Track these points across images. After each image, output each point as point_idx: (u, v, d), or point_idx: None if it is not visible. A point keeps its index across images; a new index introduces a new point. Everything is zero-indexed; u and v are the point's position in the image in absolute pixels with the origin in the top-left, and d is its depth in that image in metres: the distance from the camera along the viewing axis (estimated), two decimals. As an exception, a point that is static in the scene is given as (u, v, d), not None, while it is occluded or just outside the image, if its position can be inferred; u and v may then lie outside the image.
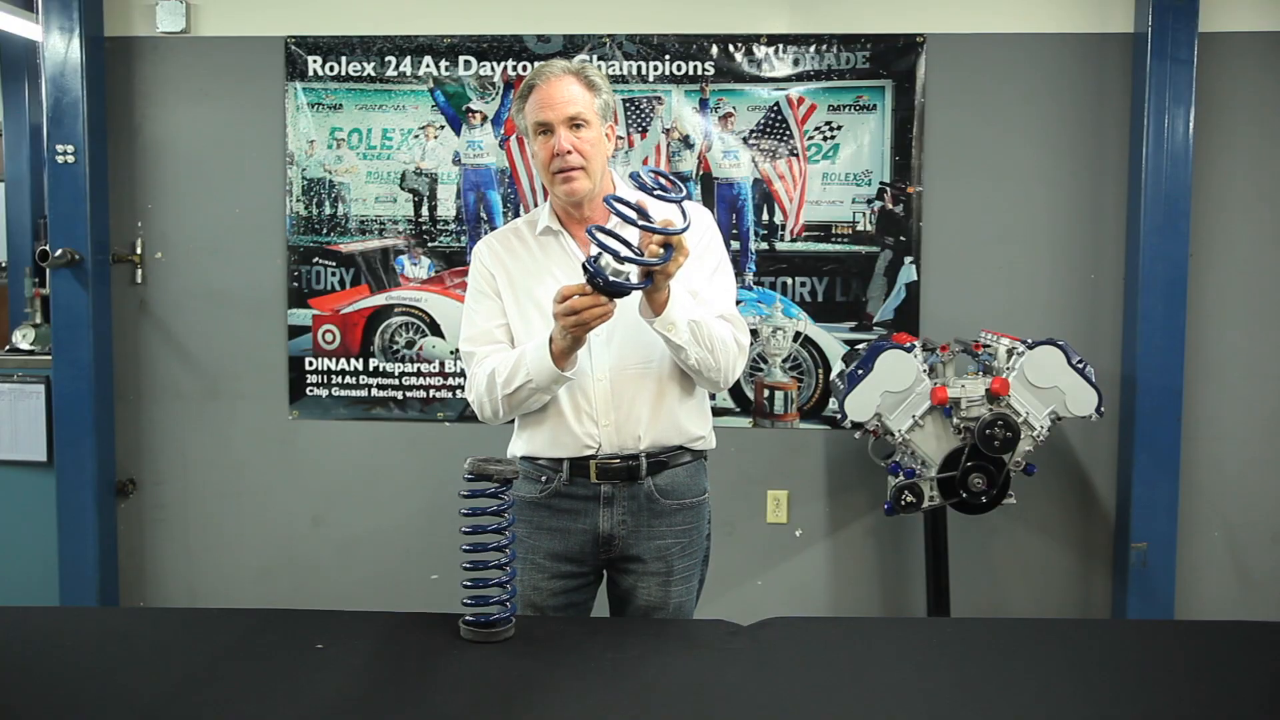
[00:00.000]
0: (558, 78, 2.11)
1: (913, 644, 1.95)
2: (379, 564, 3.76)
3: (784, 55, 3.55)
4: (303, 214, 3.70)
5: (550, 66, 2.15)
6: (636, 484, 2.17)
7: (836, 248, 3.59)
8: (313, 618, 2.05)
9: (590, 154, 2.11)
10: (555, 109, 2.09)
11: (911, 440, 3.13)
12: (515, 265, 2.20)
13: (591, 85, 2.13)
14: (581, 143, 2.10)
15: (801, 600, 3.64)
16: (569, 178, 2.10)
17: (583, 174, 2.11)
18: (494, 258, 2.23)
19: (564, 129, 2.09)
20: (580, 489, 2.18)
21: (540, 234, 2.20)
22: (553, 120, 2.09)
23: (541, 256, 2.20)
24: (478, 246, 2.27)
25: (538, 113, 2.11)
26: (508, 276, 2.20)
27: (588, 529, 2.18)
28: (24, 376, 3.76)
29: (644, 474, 2.17)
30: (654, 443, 2.16)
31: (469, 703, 1.69)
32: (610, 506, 2.18)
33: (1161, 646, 1.97)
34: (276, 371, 3.74)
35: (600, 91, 2.14)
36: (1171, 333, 3.43)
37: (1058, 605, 3.65)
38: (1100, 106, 3.52)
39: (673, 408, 2.17)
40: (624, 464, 2.16)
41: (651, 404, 2.15)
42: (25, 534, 3.78)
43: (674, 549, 2.20)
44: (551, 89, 2.10)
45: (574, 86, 2.11)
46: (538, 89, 2.12)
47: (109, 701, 1.68)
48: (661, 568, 2.20)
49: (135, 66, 3.69)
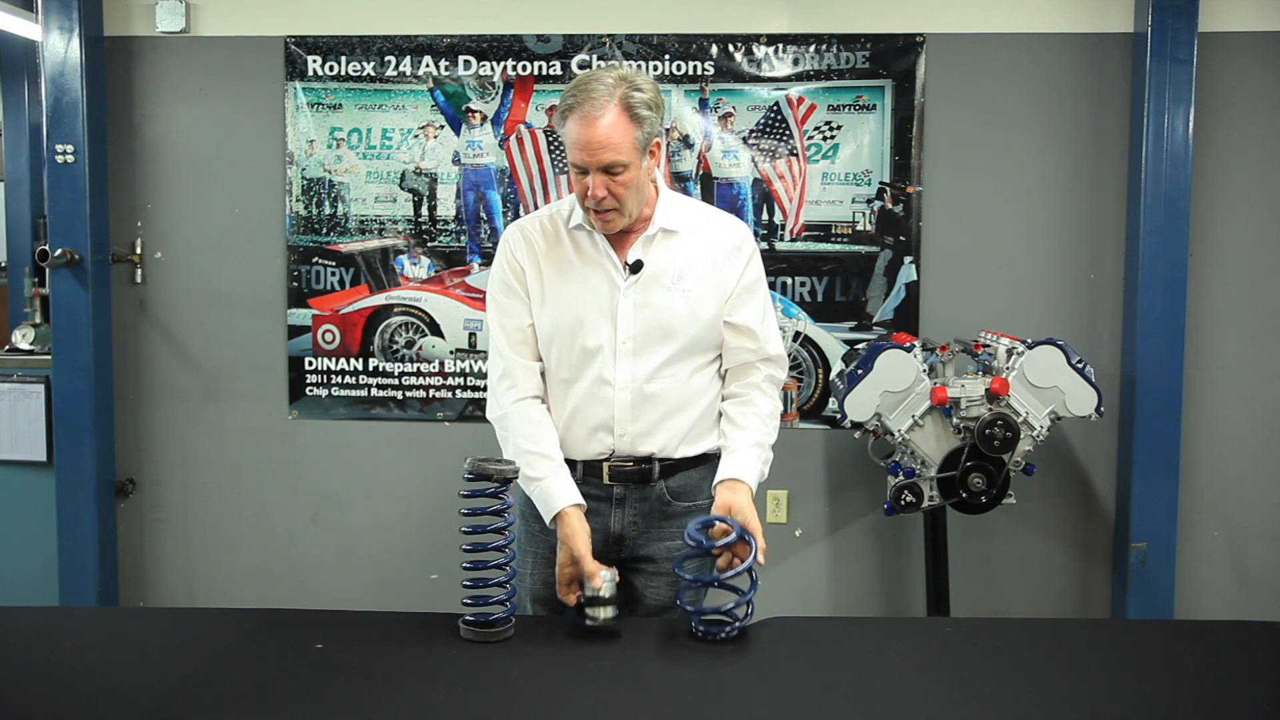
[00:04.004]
0: (599, 111, 1.97)
1: (912, 644, 1.95)
2: (379, 564, 3.76)
3: (784, 55, 3.55)
4: (302, 214, 3.70)
5: (593, 87, 1.98)
6: (649, 486, 2.17)
7: (836, 247, 3.59)
8: (313, 618, 2.05)
9: (625, 195, 2.03)
10: (592, 154, 1.98)
11: (911, 440, 3.12)
12: (547, 260, 2.15)
13: (635, 117, 1.99)
14: (616, 185, 2.01)
15: (801, 600, 3.65)
16: (603, 218, 2.06)
17: (616, 214, 2.06)
18: (527, 250, 2.16)
19: (599, 174, 2.00)
20: (593, 489, 2.17)
21: (573, 228, 2.15)
22: (588, 165, 2.00)
23: (573, 254, 2.15)
24: (507, 233, 2.20)
25: (573, 150, 2.01)
26: (538, 272, 2.15)
27: (599, 529, 2.17)
28: (24, 376, 3.75)
29: (656, 477, 2.17)
30: (669, 452, 2.16)
31: (469, 703, 1.69)
32: (622, 507, 2.18)
33: (1161, 646, 1.97)
34: (276, 371, 3.74)
35: (644, 123, 2.00)
36: (1171, 333, 3.42)
37: (1057, 605, 3.65)
38: (1100, 106, 3.52)
39: (691, 419, 2.17)
40: (637, 467, 2.16)
41: (670, 417, 2.14)
42: (25, 534, 3.77)
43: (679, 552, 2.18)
44: (592, 129, 1.97)
45: (615, 122, 1.98)
46: (577, 118, 1.98)
47: (109, 701, 1.68)
48: (668, 569, 2.19)
49: (135, 66, 3.69)
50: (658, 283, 2.12)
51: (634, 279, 2.11)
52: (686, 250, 2.14)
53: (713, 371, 2.21)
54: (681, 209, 2.18)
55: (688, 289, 2.12)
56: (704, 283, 2.13)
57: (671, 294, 2.12)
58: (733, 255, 2.16)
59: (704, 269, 2.14)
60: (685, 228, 2.15)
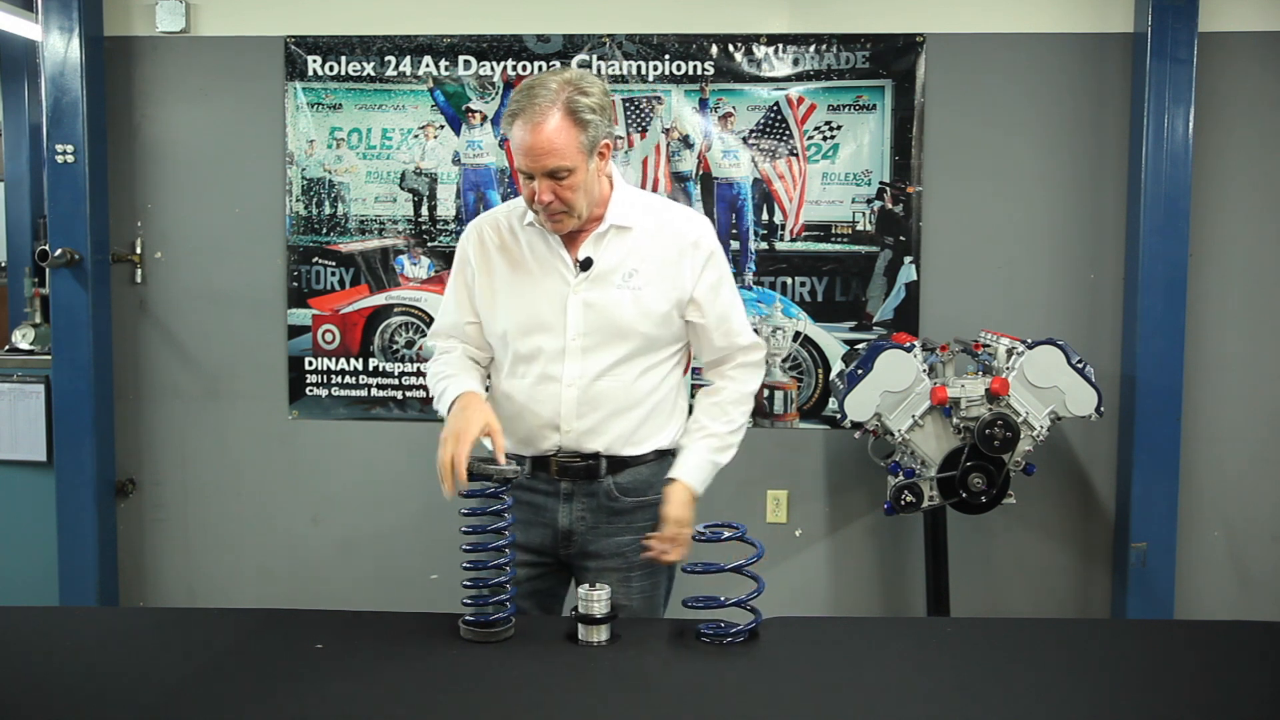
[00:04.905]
0: (543, 116, 1.96)
1: (912, 644, 1.95)
2: (379, 564, 3.76)
3: (784, 55, 3.55)
4: (302, 214, 3.70)
5: (538, 92, 1.98)
6: (596, 482, 2.16)
7: (836, 247, 3.59)
8: (313, 618, 2.05)
9: (572, 199, 2.02)
10: (535, 160, 1.98)
11: (911, 440, 3.12)
12: (501, 258, 2.17)
13: (579, 121, 1.98)
14: (562, 189, 2.01)
15: (801, 600, 3.65)
16: (552, 219, 2.06)
17: (565, 216, 2.06)
18: (479, 249, 2.19)
19: (544, 179, 2.00)
20: (541, 484, 2.18)
21: (526, 225, 2.16)
22: (533, 170, 2.00)
23: (527, 251, 2.16)
24: (469, 228, 2.25)
25: (518, 156, 2.01)
26: (490, 269, 2.17)
27: (548, 523, 2.19)
28: (24, 376, 3.75)
29: (604, 473, 2.16)
30: (615, 450, 2.16)
31: (469, 703, 1.69)
32: (570, 502, 2.18)
33: (1161, 646, 1.97)
34: (276, 371, 3.74)
35: (589, 126, 1.99)
36: (1171, 333, 3.42)
37: (1057, 605, 3.65)
38: (1100, 106, 3.51)
39: (639, 419, 2.16)
40: (584, 463, 2.16)
41: (617, 415, 2.15)
42: (25, 534, 3.77)
43: (632, 546, 2.18)
44: (535, 134, 1.96)
45: (559, 128, 1.96)
46: (521, 123, 1.98)
47: (109, 701, 1.68)
48: (621, 564, 2.19)
49: (135, 66, 3.69)
50: (607, 280, 2.11)
51: (583, 276, 2.11)
52: (640, 247, 2.13)
53: (666, 370, 2.19)
54: (637, 205, 2.16)
55: (639, 286, 2.11)
56: (657, 280, 2.12)
57: (621, 291, 2.11)
58: (689, 252, 2.14)
59: (658, 266, 2.13)
60: (639, 224, 2.14)
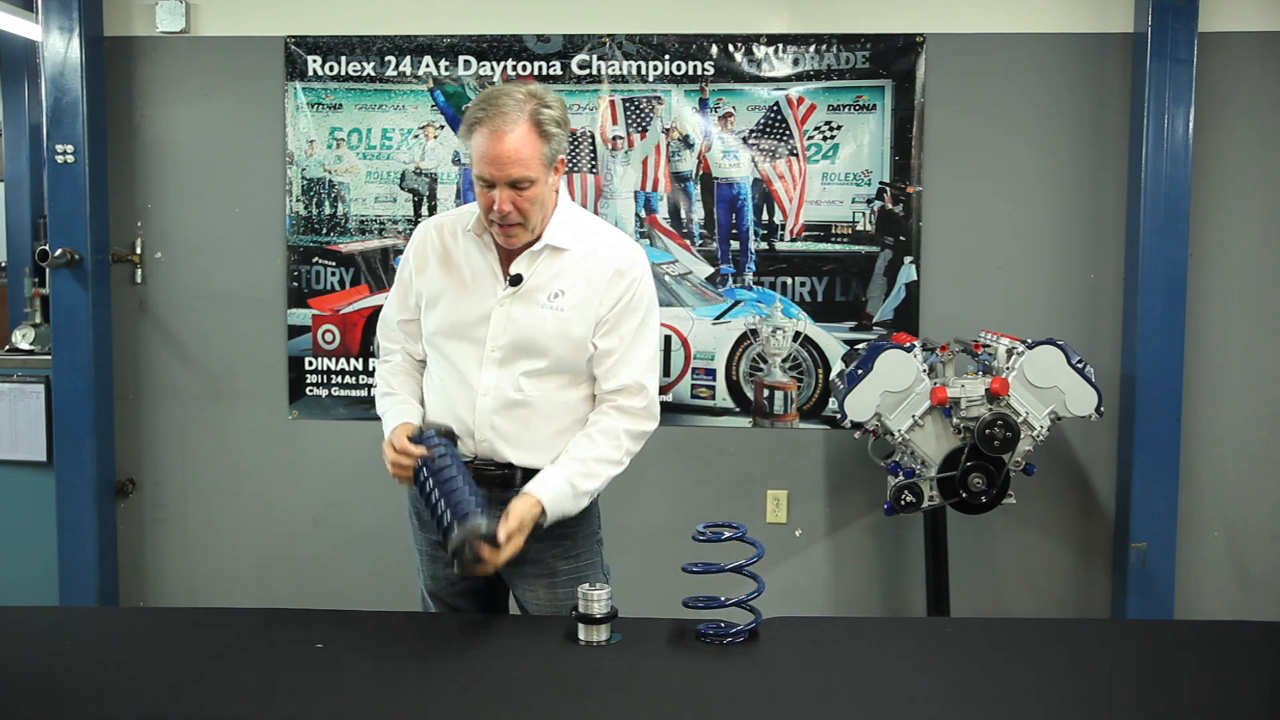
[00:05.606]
0: (509, 126, 1.98)
1: (912, 644, 1.95)
2: (379, 564, 3.76)
3: (784, 55, 3.55)
4: (302, 214, 3.70)
5: (503, 102, 2.00)
6: (510, 491, 2.12)
7: (836, 247, 3.59)
8: (313, 618, 2.06)
9: (529, 210, 2.04)
10: (500, 169, 1.99)
11: (911, 440, 3.12)
12: (442, 262, 2.18)
13: (544, 133, 2.00)
14: (522, 200, 2.02)
15: (801, 600, 3.65)
16: (507, 231, 2.07)
17: (520, 229, 2.07)
18: (420, 247, 2.20)
19: (505, 188, 2.01)
20: None
21: (466, 232, 2.16)
22: (496, 179, 2.00)
23: (464, 259, 2.16)
24: (419, 228, 2.25)
25: (480, 164, 2.01)
26: (426, 269, 2.18)
27: None
28: (24, 376, 3.75)
29: (518, 482, 2.13)
30: (528, 462, 2.15)
31: (469, 703, 1.69)
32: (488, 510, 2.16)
33: (1161, 646, 1.97)
34: (276, 371, 3.74)
35: (551, 139, 2.02)
36: (1171, 333, 3.42)
37: (1057, 605, 3.65)
38: (1100, 106, 3.51)
39: (552, 432, 2.16)
40: (499, 471, 2.16)
41: (530, 428, 2.15)
42: (25, 534, 3.77)
43: (552, 552, 2.18)
44: (500, 143, 1.97)
45: (524, 138, 1.98)
46: (486, 132, 1.98)
47: (109, 701, 1.68)
48: (543, 571, 2.19)
49: (135, 66, 3.69)
50: (533, 299, 2.12)
51: (511, 292, 2.12)
52: (570, 269, 2.13)
53: (585, 389, 2.19)
54: (577, 227, 2.16)
55: (561, 308, 2.12)
56: (580, 305, 2.12)
57: (544, 311, 2.11)
58: (613, 280, 2.13)
59: (584, 291, 2.13)
60: (575, 247, 2.14)
